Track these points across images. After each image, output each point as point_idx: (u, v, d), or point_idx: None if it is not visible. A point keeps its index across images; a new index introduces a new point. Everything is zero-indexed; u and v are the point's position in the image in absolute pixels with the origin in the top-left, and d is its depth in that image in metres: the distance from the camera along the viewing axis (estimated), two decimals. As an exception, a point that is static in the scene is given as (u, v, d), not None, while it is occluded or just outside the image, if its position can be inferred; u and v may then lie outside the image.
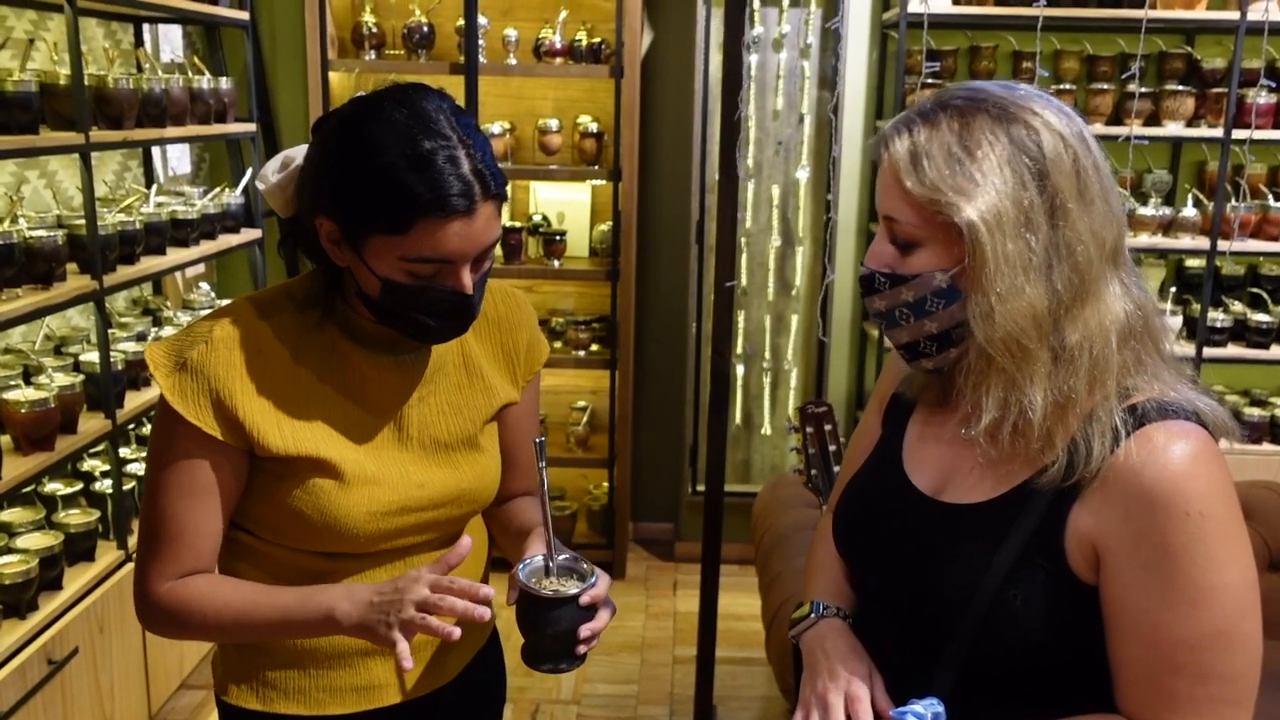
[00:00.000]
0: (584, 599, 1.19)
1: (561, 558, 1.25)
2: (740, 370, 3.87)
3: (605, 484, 3.92)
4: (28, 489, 2.48)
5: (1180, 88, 3.53)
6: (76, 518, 2.53)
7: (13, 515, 2.46)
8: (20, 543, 2.37)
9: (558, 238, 3.73)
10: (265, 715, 1.32)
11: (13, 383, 2.40)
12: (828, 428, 1.88)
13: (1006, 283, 1.01)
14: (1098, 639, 1.04)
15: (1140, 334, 1.06)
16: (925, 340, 1.09)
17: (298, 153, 1.25)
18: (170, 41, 3.51)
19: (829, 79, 3.65)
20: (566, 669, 1.21)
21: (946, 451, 1.16)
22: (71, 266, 2.54)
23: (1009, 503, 1.07)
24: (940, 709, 1.03)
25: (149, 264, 2.83)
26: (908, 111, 1.08)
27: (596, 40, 3.62)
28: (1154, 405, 1.03)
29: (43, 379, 2.45)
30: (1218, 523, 0.98)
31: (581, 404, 3.99)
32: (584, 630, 1.19)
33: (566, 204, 3.91)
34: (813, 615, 1.22)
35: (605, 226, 3.79)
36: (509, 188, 3.86)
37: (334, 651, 1.31)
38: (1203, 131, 3.53)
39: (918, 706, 1.03)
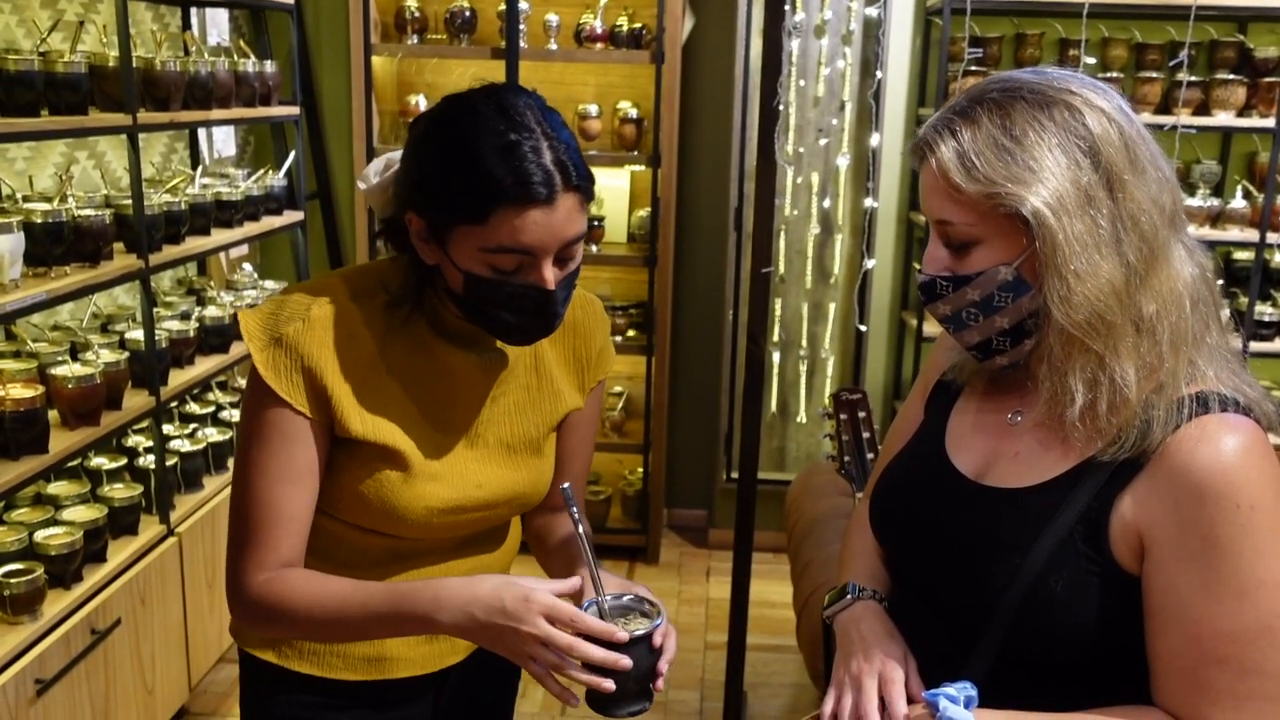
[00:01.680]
0: (656, 638, 1.15)
1: (626, 598, 1.21)
2: (776, 358, 3.86)
3: (640, 470, 3.93)
4: (73, 463, 2.53)
5: (1231, 77, 3.46)
6: (120, 492, 2.58)
7: (59, 488, 2.51)
8: (66, 515, 2.42)
9: (596, 223, 3.73)
10: (281, 670, 1.35)
11: (60, 359, 2.44)
12: (862, 415, 1.87)
13: (1081, 262, 1.01)
14: (1138, 631, 1.03)
15: (1207, 299, 1.06)
16: (998, 337, 1.09)
17: (398, 155, 1.26)
18: (217, 25, 3.54)
19: (871, 66, 3.63)
20: (643, 710, 1.16)
21: (991, 438, 1.15)
22: (118, 246, 2.58)
23: (1055, 489, 1.06)
24: (973, 692, 1.03)
25: (193, 244, 2.87)
26: (941, 113, 1.08)
27: (637, 26, 3.62)
28: (1213, 396, 1.02)
29: (89, 355, 2.49)
30: (1267, 516, 0.97)
31: (618, 389, 4.00)
32: (662, 665, 1.16)
33: (605, 189, 3.91)
34: (849, 597, 1.22)
35: (644, 212, 3.79)
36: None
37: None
38: (1254, 122, 3.46)
39: (951, 689, 1.02)
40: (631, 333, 3.85)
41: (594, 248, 3.74)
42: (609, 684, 1.11)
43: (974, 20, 3.52)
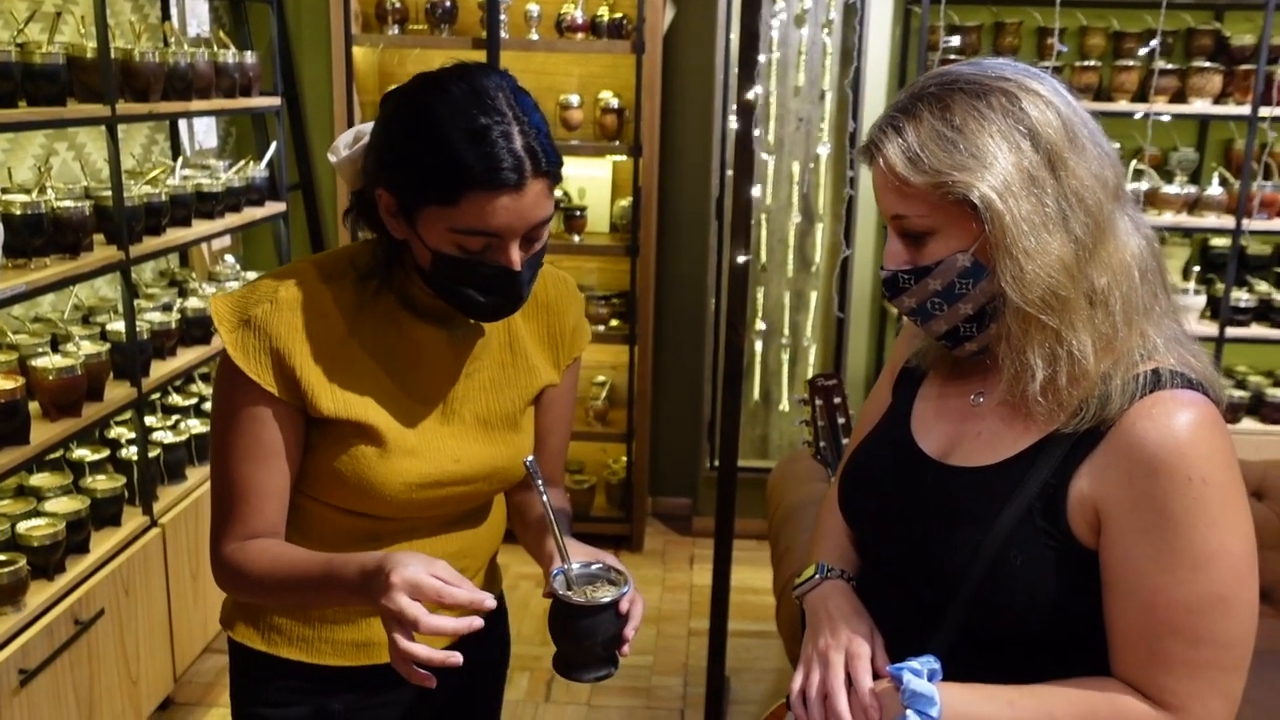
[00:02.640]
0: (623, 605, 1.18)
1: (594, 567, 1.23)
2: (759, 346, 3.89)
3: (624, 458, 3.95)
4: (55, 455, 2.53)
5: (1208, 64, 3.49)
6: (103, 483, 2.59)
7: (41, 480, 2.52)
8: (48, 506, 2.43)
9: (578, 213, 3.74)
10: (268, 656, 1.37)
11: (41, 350, 2.45)
12: (837, 400, 1.89)
13: (1030, 241, 1.03)
14: (1096, 604, 1.06)
15: (1154, 268, 1.09)
16: (964, 324, 1.11)
17: (369, 127, 1.27)
18: (196, 15, 3.54)
19: (851, 55, 3.64)
20: (608, 676, 1.18)
21: (955, 419, 1.18)
22: (99, 237, 2.58)
23: (1014, 466, 1.09)
24: (936, 665, 1.05)
25: (175, 235, 2.87)
26: (885, 113, 1.11)
27: (618, 16, 3.62)
28: (1166, 372, 1.04)
29: (70, 347, 2.50)
30: (1219, 489, 1.00)
31: (601, 379, 4.01)
32: (628, 631, 1.18)
33: (587, 180, 3.92)
34: (817, 576, 1.24)
35: (625, 202, 3.80)
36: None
37: (339, 611, 1.35)
38: (1229, 109, 3.49)
39: (914, 663, 1.05)
40: (614, 322, 3.86)
41: (576, 238, 3.75)
42: (474, 622, 1.12)
43: (953, 9, 3.54)
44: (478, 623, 1.14)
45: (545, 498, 1.24)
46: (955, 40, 3.52)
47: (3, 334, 2.51)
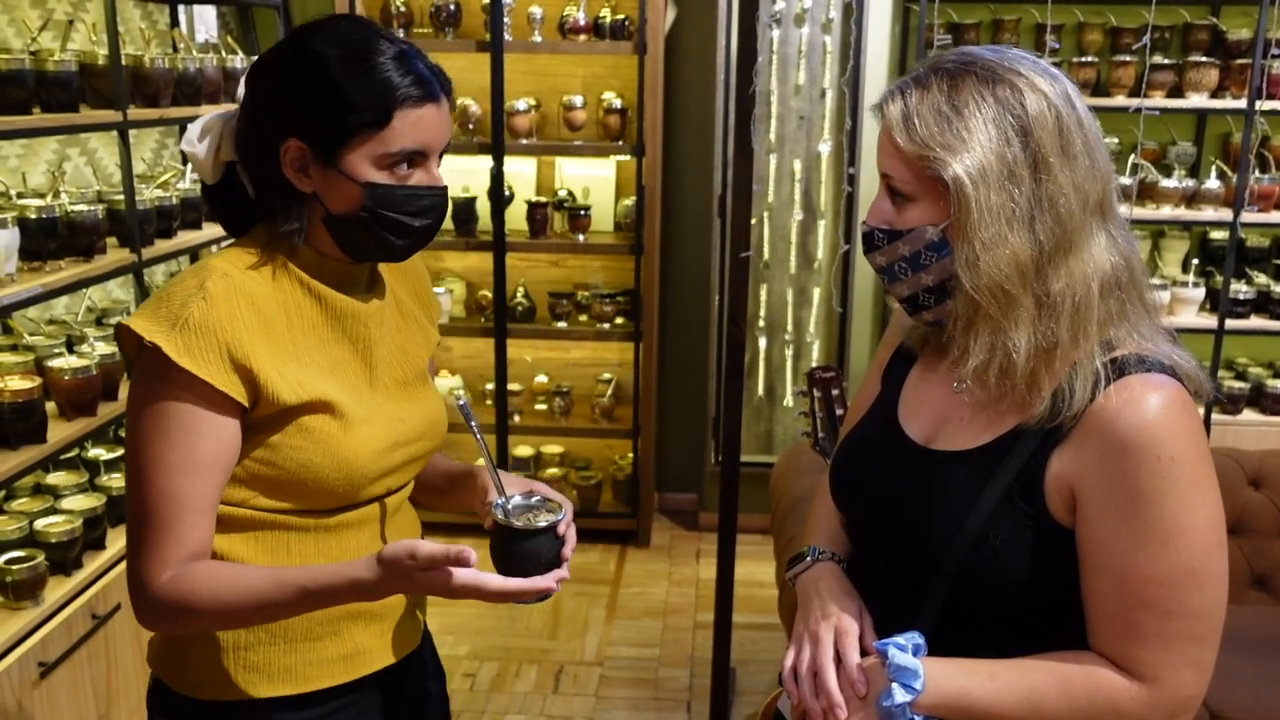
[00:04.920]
0: (561, 529, 1.22)
1: (533, 499, 1.28)
2: (763, 343, 3.92)
3: (630, 455, 3.99)
4: (71, 454, 2.58)
5: (1204, 59, 3.52)
6: (119, 481, 2.64)
7: (58, 478, 2.57)
8: (65, 504, 2.48)
9: (582, 213, 3.79)
10: (245, 704, 1.26)
11: (56, 351, 2.50)
12: (835, 392, 1.93)
13: (990, 232, 1.07)
14: (1073, 581, 1.10)
15: (1126, 285, 1.11)
16: (924, 293, 1.15)
17: (217, 118, 1.26)
18: (205, 22, 3.59)
19: (850, 53, 3.68)
20: (548, 596, 1.21)
21: (939, 403, 1.22)
22: (111, 240, 2.64)
23: (994, 449, 1.13)
24: (920, 641, 1.09)
25: (185, 238, 2.92)
26: (904, 76, 1.14)
27: (620, 17, 3.67)
28: (1134, 358, 1.08)
29: (85, 348, 2.55)
30: (1187, 467, 1.03)
31: (606, 376, 4.06)
32: (566, 552, 1.22)
33: (591, 179, 3.97)
34: (809, 559, 1.29)
35: (629, 201, 3.85)
36: (535, 162, 3.94)
37: (319, 620, 1.27)
38: (1226, 103, 3.52)
39: (900, 639, 1.09)
40: (619, 320, 3.90)
41: (581, 237, 3.79)
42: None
43: (951, 6, 3.57)
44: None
45: (479, 435, 1.27)
46: (948, 38, 3.55)
47: (19, 335, 2.57)
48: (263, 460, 1.21)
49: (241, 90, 1.26)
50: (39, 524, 2.36)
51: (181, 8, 3.40)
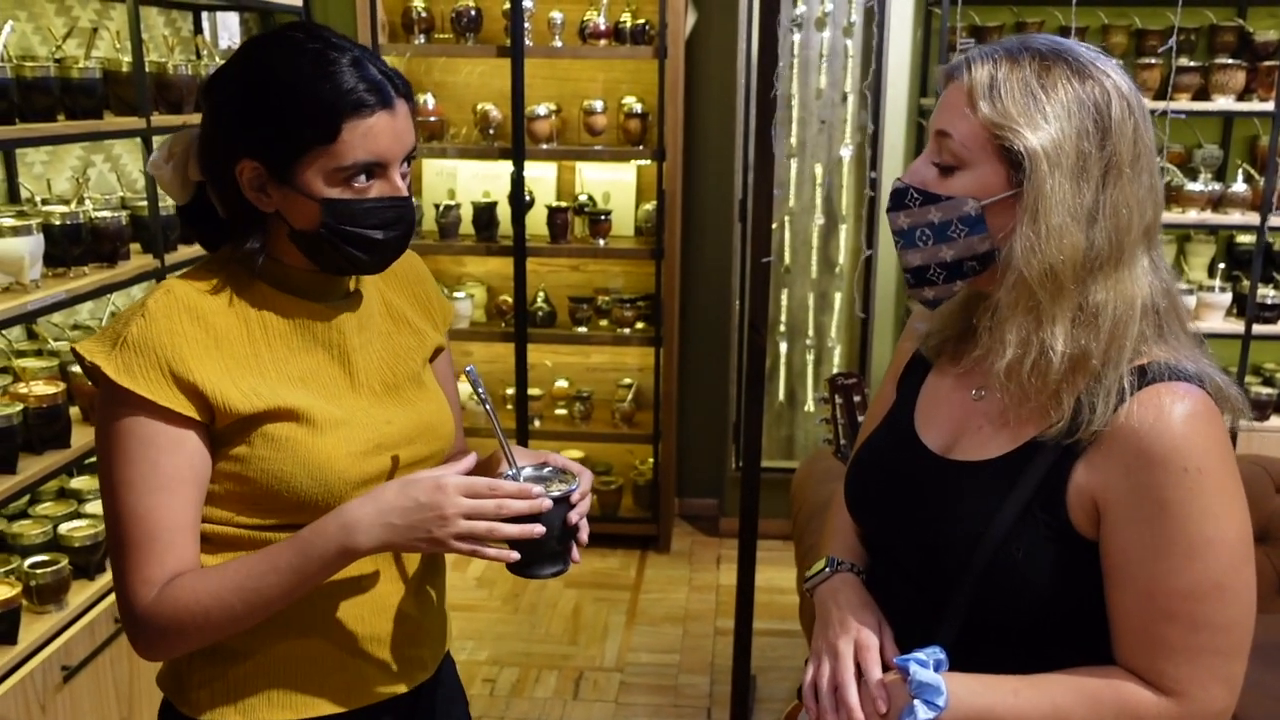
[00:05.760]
0: (574, 498, 1.19)
1: (545, 470, 1.25)
2: (783, 348, 3.91)
3: (651, 460, 3.99)
4: (94, 458, 2.59)
5: (1231, 61, 3.48)
6: (141, 486, 2.65)
7: (82, 483, 2.59)
8: (89, 508, 2.49)
9: (603, 217, 3.79)
10: None
11: (81, 357, 2.52)
12: (856, 399, 1.92)
13: (1056, 219, 1.04)
14: (1097, 594, 1.08)
15: (1165, 311, 1.10)
16: (936, 266, 1.13)
17: (182, 136, 1.24)
18: (228, 28, 3.62)
19: (871, 57, 3.66)
20: (562, 571, 1.19)
21: (957, 412, 1.20)
22: (135, 246, 2.66)
23: (1015, 459, 1.11)
24: (942, 656, 1.08)
25: (208, 244, 2.93)
26: (992, 45, 1.12)
27: (641, 21, 3.67)
28: (1162, 367, 1.06)
29: (108, 353, 2.56)
30: (1214, 478, 1.02)
31: (627, 381, 4.05)
32: (574, 517, 1.19)
33: (612, 184, 3.97)
34: (827, 570, 1.27)
35: (650, 206, 3.84)
36: (555, 167, 3.95)
37: (322, 654, 1.26)
38: (1253, 105, 3.48)
39: (921, 654, 1.07)
40: (640, 324, 3.90)
41: (601, 241, 3.79)
42: (539, 529, 1.15)
43: (974, 10, 3.55)
44: (546, 502, 1.16)
45: (488, 406, 1.24)
46: (970, 43, 3.53)
47: (44, 341, 2.59)
48: (234, 475, 1.19)
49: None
50: (63, 528, 2.38)
51: (204, 14, 3.42)
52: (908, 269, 1.16)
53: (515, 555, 1.17)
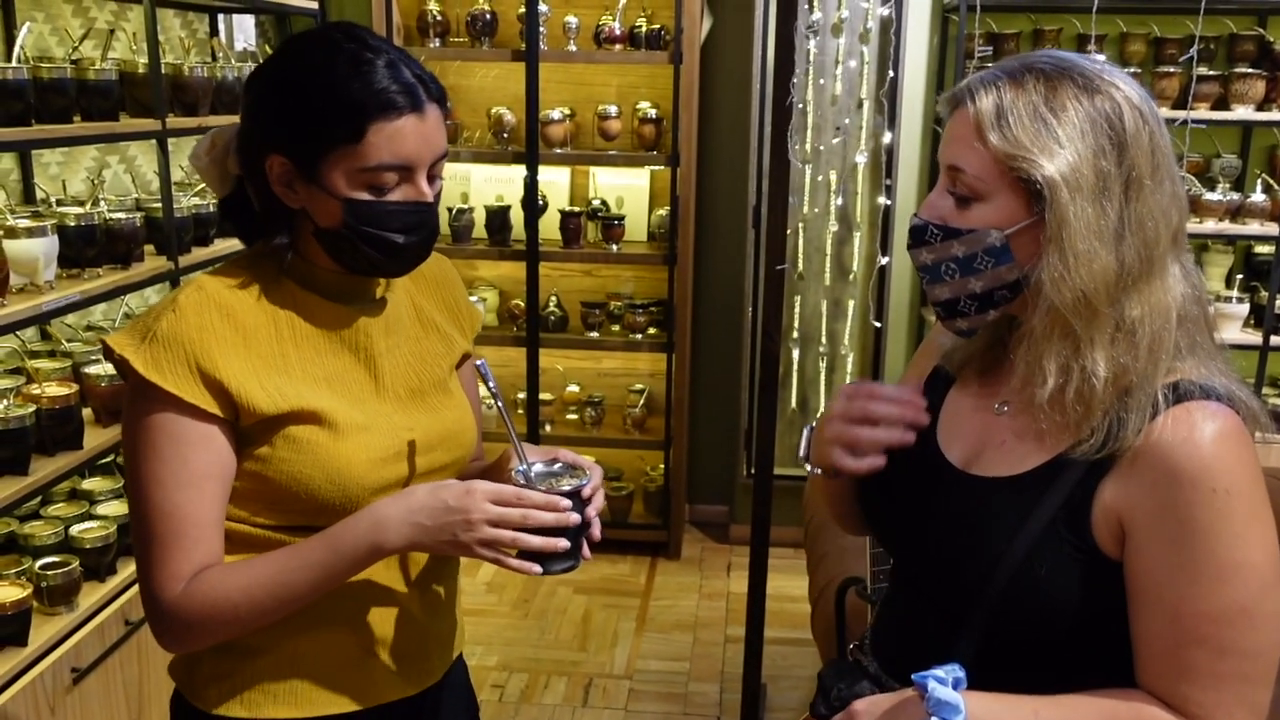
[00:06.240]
0: (585, 492, 1.18)
1: (556, 466, 1.25)
2: (796, 355, 3.89)
3: (661, 466, 3.97)
4: (106, 459, 2.60)
5: (1251, 70, 3.46)
6: (152, 488, 2.65)
7: (93, 484, 2.59)
8: (100, 510, 2.49)
9: (616, 222, 3.78)
10: None
11: (94, 358, 2.52)
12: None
13: (1083, 245, 1.03)
14: (1120, 614, 1.06)
15: (1196, 318, 1.08)
16: (967, 299, 1.11)
17: (224, 130, 1.25)
18: (244, 30, 3.62)
19: (888, 64, 3.64)
20: (573, 567, 1.18)
21: (980, 426, 1.18)
22: (149, 248, 2.66)
23: (1039, 476, 1.09)
24: (961, 674, 1.06)
25: (222, 246, 2.93)
26: (991, 69, 1.10)
27: (656, 26, 3.66)
28: (1194, 384, 1.05)
29: (121, 355, 2.56)
30: (1244, 501, 1.00)
31: (639, 387, 4.04)
32: (590, 511, 1.19)
33: (625, 189, 3.96)
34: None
35: (663, 211, 3.83)
36: (569, 171, 3.94)
37: (330, 654, 1.26)
38: (1273, 115, 3.45)
39: (939, 671, 1.05)
40: (652, 330, 3.89)
41: (614, 247, 3.78)
42: (563, 543, 1.15)
43: (991, 17, 3.53)
44: (574, 517, 1.16)
45: (498, 401, 1.23)
46: (989, 50, 3.51)
47: (57, 342, 2.59)
48: (254, 474, 1.19)
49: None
50: (74, 529, 2.38)
51: (220, 16, 3.43)
52: (936, 303, 1.14)
53: (537, 568, 1.16)
